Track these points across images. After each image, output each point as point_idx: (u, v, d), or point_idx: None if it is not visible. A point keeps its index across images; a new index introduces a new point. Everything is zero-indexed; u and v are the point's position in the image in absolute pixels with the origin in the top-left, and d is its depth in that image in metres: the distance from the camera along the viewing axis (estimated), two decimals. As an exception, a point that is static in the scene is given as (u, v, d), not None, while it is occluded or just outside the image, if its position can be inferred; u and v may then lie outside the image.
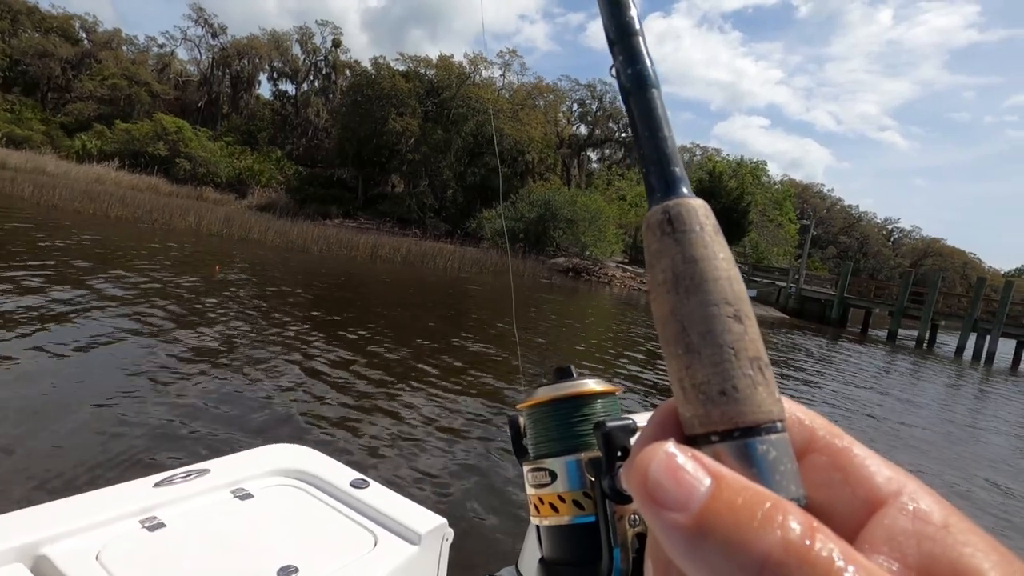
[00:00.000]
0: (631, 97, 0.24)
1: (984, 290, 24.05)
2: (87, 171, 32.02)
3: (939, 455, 7.10)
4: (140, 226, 17.21)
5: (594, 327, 14.00)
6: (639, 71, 0.24)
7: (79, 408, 4.06)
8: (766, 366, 0.21)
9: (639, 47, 0.24)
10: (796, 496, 0.19)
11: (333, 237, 21.07)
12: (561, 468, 0.35)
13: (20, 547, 1.08)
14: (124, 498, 1.27)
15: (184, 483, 1.37)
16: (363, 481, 1.51)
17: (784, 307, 28.52)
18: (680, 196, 0.22)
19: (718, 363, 0.20)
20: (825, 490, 0.20)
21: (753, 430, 0.19)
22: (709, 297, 0.20)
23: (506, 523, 3.48)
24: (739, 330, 0.20)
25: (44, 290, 7.21)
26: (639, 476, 0.18)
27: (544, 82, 45.20)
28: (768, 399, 0.20)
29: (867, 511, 0.19)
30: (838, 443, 0.21)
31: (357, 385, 5.73)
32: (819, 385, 10.59)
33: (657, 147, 0.23)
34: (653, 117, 0.23)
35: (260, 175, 40.71)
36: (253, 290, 10.21)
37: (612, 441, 0.31)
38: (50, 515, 1.17)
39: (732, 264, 0.21)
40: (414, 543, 1.31)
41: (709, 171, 35.45)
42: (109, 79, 44.26)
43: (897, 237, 73.24)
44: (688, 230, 0.21)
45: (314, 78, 49.92)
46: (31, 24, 46.37)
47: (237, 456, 1.58)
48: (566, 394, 0.36)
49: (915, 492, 0.19)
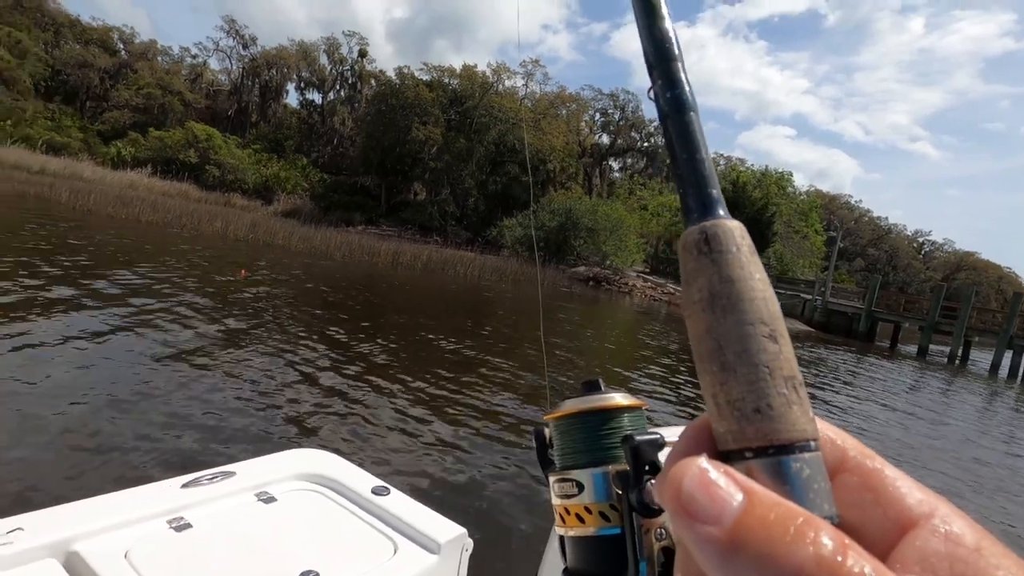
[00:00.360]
0: (669, 120, 0.24)
1: (1021, 306, 23.22)
2: (121, 177, 33.06)
3: (970, 478, 6.84)
4: (169, 231, 17.66)
5: (615, 337, 13.88)
6: (678, 95, 0.24)
7: (105, 407, 4.15)
8: (800, 385, 0.21)
9: (678, 72, 0.25)
10: (829, 514, 0.19)
11: (355, 243, 21.35)
12: (588, 480, 0.35)
13: (53, 543, 1.11)
14: (152, 498, 1.30)
15: (210, 485, 1.40)
16: (384, 488, 1.52)
17: (809, 320, 27.92)
18: (717, 217, 0.23)
19: (753, 381, 0.20)
20: (856, 510, 0.21)
21: (787, 448, 0.20)
22: (745, 316, 0.21)
23: (526, 535, 3.44)
24: (774, 349, 0.21)
25: (76, 292, 7.42)
26: (673, 489, 0.18)
27: (567, 91, 45.36)
28: (802, 418, 0.20)
29: (898, 532, 0.19)
30: (869, 464, 0.22)
31: (377, 392, 5.76)
32: (845, 401, 10.32)
33: (695, 169, 0.24)
34: (691, 140, 0.24)
35: (286, 182, 41.54)
36: (278, 295, 10.37)
37: (640, 455, 0.31)
38: (82, 513, 1.21)
39: (767, 285, 0.22)
40: (434, 552, 1.31)
41: (733, 181, 35.02)
42: (144, 88, 45.73)
43: (928, 250, 71.26)
44: (725, 250, 0.22)
45: (340, 87, 50.88)
46: (72, 36, 48.25)
47: (262, 460, 1.61)
48: (594, 407, 0.36)
49: (947, 515, 0.19)
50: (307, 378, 5.75)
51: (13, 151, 31.86)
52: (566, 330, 12.80)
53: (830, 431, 0.23)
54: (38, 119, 40.86)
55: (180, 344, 6.07)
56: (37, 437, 3.55)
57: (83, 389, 4.40)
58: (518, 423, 5.46)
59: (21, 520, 1.14)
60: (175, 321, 6.94)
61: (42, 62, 44.25)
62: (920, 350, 24.04)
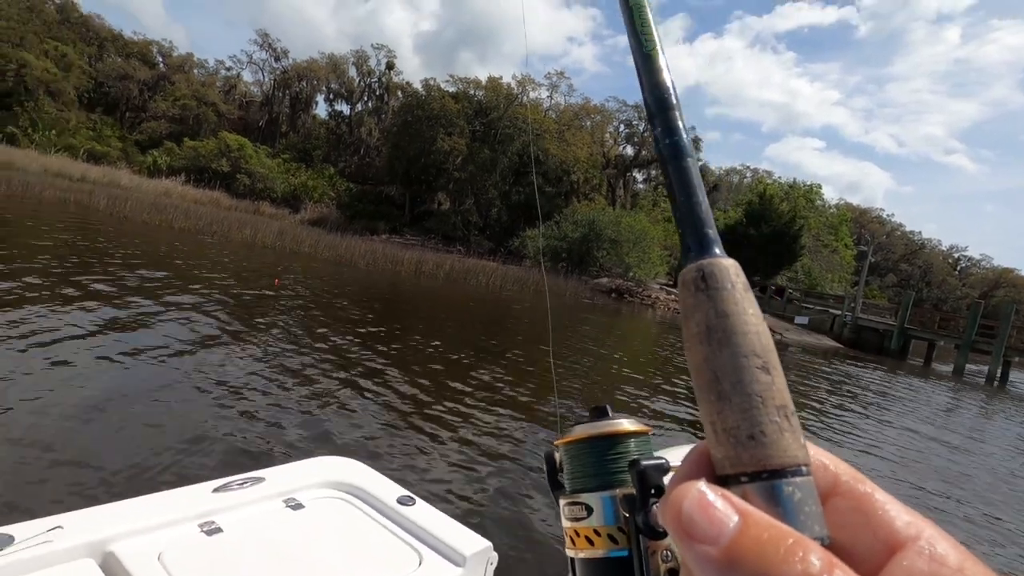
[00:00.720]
0: (668, 165, 0.26)
1: (1064, 325, 22.27)
2: (156, 185, 34.15)
3: (1007, 505, 6.53)
4: (200, 237, 18.13)
5: (635, 351, 13.72)
6: (676, 142, 0.26)
7: (139, 410, 4.26)
8: (792, 414, 0.22)
9: (676, 121, 0.27)
10: (819, 535, 0.20)
11: (379, 252, 21.60)
12: (597, 503, 0.36)
13: (91, 543, 1.14)
14: (185, 501, 1.33)
15: (240, 490, 1.42)
16: (410, 498, 1.53)
17: (839, 336, 27.21)
18: (713, 256, 0.25)
19: (747, 409, 0.22)
20: (847, 532, 0.22)
21: (780, 472, 0.21)
22: (739, 349, 0.23)
23: (552, 551, 3.43)
24: (767, 380, 0.22)
25: (106, 295, 7.65)
26: (674, 512, 0.20)
27: (591, 103, 45.45)
28: (794, 444, 0.22)
29: (887, 553, 0.21)
30: (860, 488, 0.23)
31: (403, 401, 5.80)
32: (870, 421, 9.98)
33: (692, 211, 0.25)
34: (688, 184, 0.26)
35: (313, 191, 42.39)
36: (303, 304, 10.54)
37: (646, 479, 0.32)
38: (118, 513, 1.24)
39: (761, 320, 0.24)
40: (459, 565, 1.31)
41: (759, 193, 34.52)
42: (180, 100, 47.36)
43: (964, 266, 68.96)
44: (720, 287, 0.24)
45: (368, 99, 51.89)
46: (115, 49, 50.30)
47: (290, 466, 1.63)
48: (603, 432, 0.37)
49: (932, 537, 0.20)
50: (328, 385, 5.81)
51: (57, 159, 33.25)
52: (585, 343, 12.71)
53: (824, 457, 0.24)
54: (81, 129, 42.62)
55: (205, 351, 6.20)
56: (65, 439, 3.65)
57: (115, 394, 4.51)
58: (545, 439, 5.43)
59: (61, 519, 1.18)
60: (197, 328, 7.09)
61: (86, 75, 46.21)
62: (956, 369, 23.19)
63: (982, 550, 4.88)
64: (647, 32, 0.28)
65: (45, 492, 3.02)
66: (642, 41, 0.28)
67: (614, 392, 8.15)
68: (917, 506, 4.97)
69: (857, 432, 8.62)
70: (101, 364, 5.06)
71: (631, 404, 7.55)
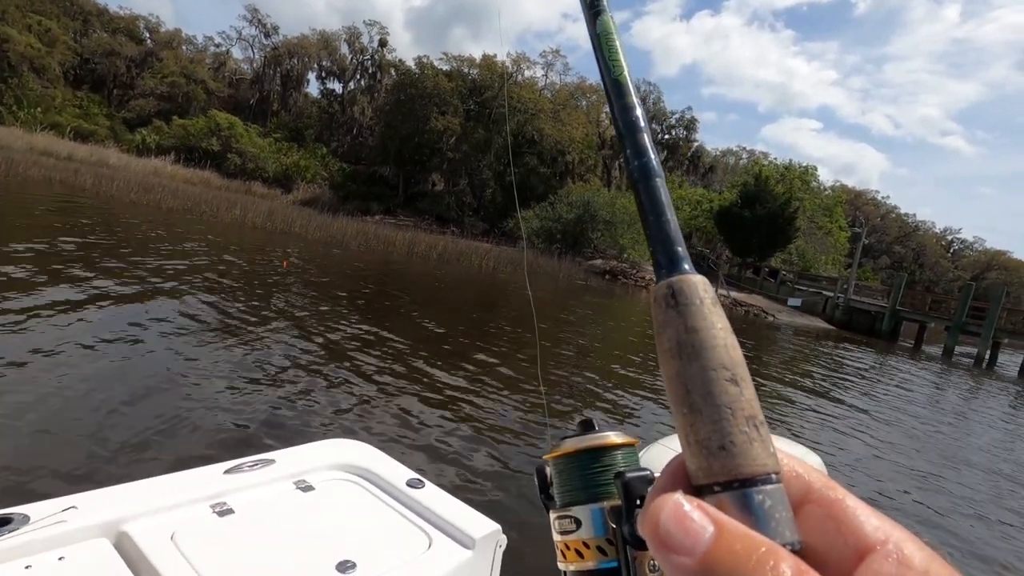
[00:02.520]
0: (639, 185, 0.27)
1: (1054, 307, 22.42)
2: (145, 164, 33.64)
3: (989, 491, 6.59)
4: (188, 217, 17.91)
5: (627, 332, 13.73)
6: (645, 163, 0.27)
7: (145, 394, 4.29)
8: (761, 424, 0.23)
9: (644, 142, 0.28)
10: (791, 540, 0.21)
11: (371, 233, 21.43)
12: (586, 516, 0.36)
13: (105, 523, 1.16)
14: (197, 483, 1.35)
15: (251, 472, 1.44)
16: (419, 481, 1.54)
17: (831, 318, 27.34)
18: (683, 272, 0.25)
19: (717, 421, 0.23)
20: (820, 538, 0.23)
21: (750, 481, 0.22)
22: (708, 363, 0.23)
23: None
24: (735, 392, 0.23)
25: (88, 278, 7.53)
26: (651, 524, 0.21)
27: (587, 82, 44.79)
28: (763, 454, 0.23)
29: (857, 557, 0.22)
30: (832, 495, 0.24)
31: (408, 383, 5.81)
32: (861, 401, 10.05)
33: (662, 229, 0.26)
34: (658, 203, 0.27)
35: (305, 171, 41.87)
36: (299, 284, 10.43)
37: (631, 490, 0.33)
38: (131, 494, 1.26)
39: (729, 333, 0.25)
40: (468, 547, 1.32)
41: (755, 175, 34.33)
42: (169, 77, 46.39)
43: (957, 248, 69.21)
44: (689, 303, 0.25)
45: (360, 77, 51.01)
46: (100, 24, 49.08)
47: (300, 448, 1.65)
48: (590, 446, 0.38)
49: (900, 540, 0.22)
50: (338, 368, 5.83)
51: (42, 137, 32.63)
52: (580, 324, 12.68)
53: (798, 466, 0.25)
54: (67, 106, 41.77)
55: (213, 333, 6.19)
56: (78, 420, 3.68)
57: (120, 377, 4.52)
58: (551, 423, 5.48)
59: (75, 499, 1.19)
60: (193, 309, 7.01)
61: (71, 50, 45.13)
62: (945, 351, 23.40)
63: (957, 523, 4.93)
64: (615, 58, 0.29)
65: (57, 474, 3.06)
66: (611, 67, 0.29)
67: (605, 377, 8.14)
68: (899, 485, 5.01)
69: (842, 414, 8.67)
70: (82, 350, 4.98)
71: (624, 387, 7.55)
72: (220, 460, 1.45)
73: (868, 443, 7.24)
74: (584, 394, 6.85)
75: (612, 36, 0.30)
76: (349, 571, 1.16)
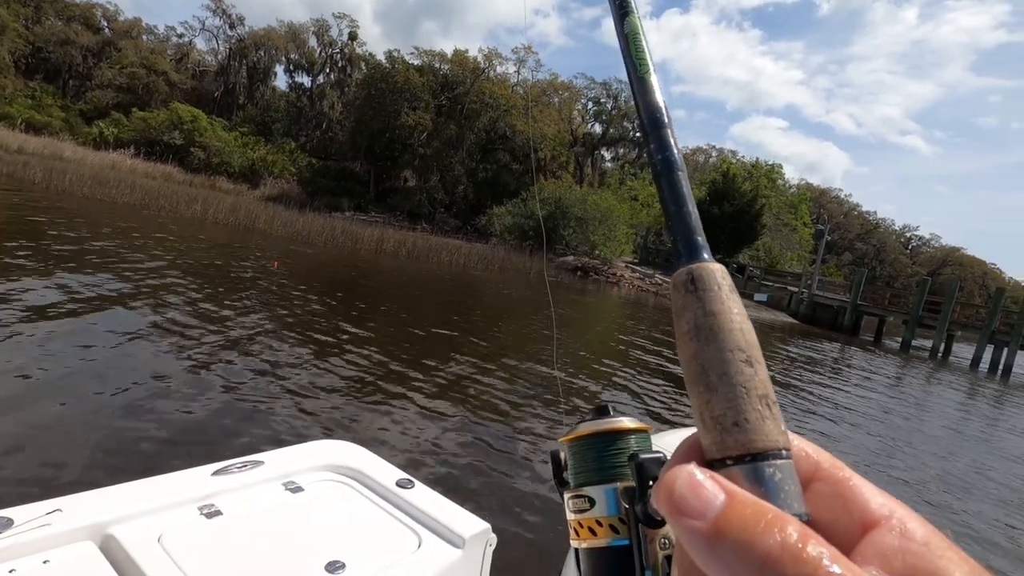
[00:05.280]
0: (662, 178, 0.28)
1: (1003, 301, 23.38)
2: (103, 158, 32.38)
3: (934, 472, 6.81)
4: (145, 213, 17.28)
5: (602, 328, 13.77)
6: (667, 157, 0.28)
7: (127, 399, 4.14)
8: (773, 403, 0.25)
9: (668, 137, 0.29)
10: (798, 512, 0.23)
11: (339, 229, 21.03)
12: (600, 495, 0.38)
13: (90, 526, 1.14)
14: (184, 485, 1.33)
15: (240, 473, 1.43)
16: (409, 481, 1.54)
17: (795, 312, 28.01)
18: (702, 260, 0.27)
19: (732, 399, 0.24)
20: (827, 513, 0.24)
21: (762, 455, 0.23)
22: (725, 344, 0.25)
23: (550, 531, 3.42)
24: (750, 372, 0.25)
25: (48, 277, 7.16)
26: (667, 491, 0.23)
27: (559, 79, 44.87)
28: (775, 430, 0.24)
29: (862, 531, 0.23)
30: (839, 473, 0.25)
31: (395, 383, 5.76)
32: (824, 393, 10.28)
33: (683, 219, 0.28)
34: (679, 195, 0.28)
35: (273, 166, 40.91)
36: (263, 281, 10.13)
37: (644, 471, 0.34)
38: (117, 497, 1.24)
39: (745, 318, 0.26)
40: (458, 547, 1.33)
41: (723, 173, 34.94)
42: (128, 68, 44.76)
43: (915, 245, 71.82)
44: (708, 289, 0.26)
45: (330, 70, 50.07)
46: (54, 12, 47.03)
47: (289, 450, 1.64)
48: (605, 429, 0.39)
49: (903, 516, 0.23)
50: (322, 368, 5.73)
51: (-10, 129, 31.11)
52: (562, 322, 12.66)
53: (807, 447, 0.26)
54: (18, 97, 39.94)
55: (194, 333, 6.02)
56: (66, 423, 3.59)
57: (102, 379, 4.38)
58: (542, 423, 5.43)
59: (60, 503, 1.17)
60: (180, 310, 6.73)
61: (22, 38, 43.15)
62: (903, 344, 24.20)
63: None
64: (642, 58, 0.30)
65: (38, 479, 2.97)
66: (637, 65, 0.30)
67: (592, 371, 8.12)
68: (860, 460, 5.11)
69: (807, 403, 8.85)
70: (53, 355, 4.72)
71: (613, 379, 7.54)
72: (208, 462, 1.43)
73: (832, 428, 7.39)
74: (578, 387, 6.82)
75: (639, 36, 0.31)
76: (338, 572, 1.15)
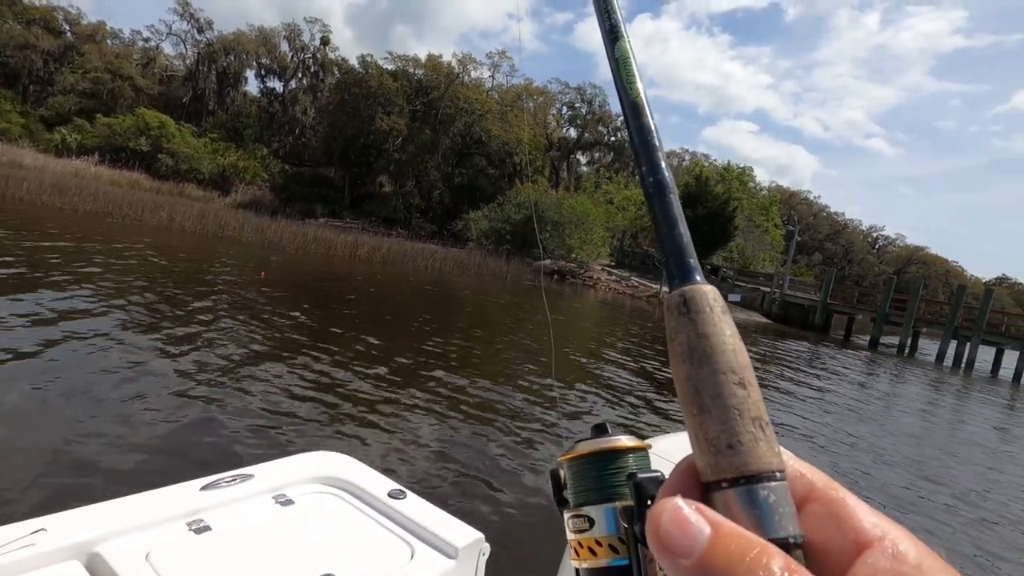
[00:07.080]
0: (654, 199, 0.29)
1: (965, 298, 24.16)
2: (65, 165, 31.37)
3: (908, 457, 6.95)
4: (109, 221, 16.77)
5: (581, 331, 13.79)
6: (659, 179, 0.29)
7: (111, 410, 4.05)
8: (767, 424, 0.25)
9: (659, 160, 0.29)
10: (793, 534, 0.23)
11: (311, 235, 20.69)
12: (599, 515, 0.38)
13: (76, 545, 1.11)
14: (172, 500, 1.31)
15: (229, 487, 1.40)
16: (400, 492, 1.53)
17: (768, 312, 28.52)
18: (694, 282, 0.27)
19: (725, 421, 0.24)
20: (822, 533, 0.24)
21: (756, 478, 0.23)
22: (718, 367, 0.25)
23: (544, 540, 3.40)
24: (743, 394, 0.25)
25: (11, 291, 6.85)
26: (653, 527, 0.23)
27: (534, 84, 45.07)
28: (768, 452, 0.24)
29: (856, 552, 0.23)
30: (833, 494, 0.25)
31: (380, 391, 5.68)
32: (797, 391, 10.44)
33: (675, 241, 0.28)
34: (671, 217, 0.28)
35: (244, 172, 40.15)
36: (232, 291, 9.87)
37: (642, 491, 0.34)
38: (103, 514, 1.21)
39: (738, 339, 0.26)
40: (451, 557, 1.32)
41: (696, 176, 35.43)
42: (92, 72, 43.50)
43: (882, 244, 73.93)
44: (700, 311, 0.26)
45: (302, 76, 49.45)
46: (12, 15, 45.48)
47: (279, 462, 1.61)
48: (604, 448, 0.39)
49: (896, 536, 0.23)
50: (307, 380, 5.62)
51: (-56, 136, 29.90)
52: (532, 327, 12.62)
53: (802, 467, 0.26)
54: (-26, 103, 38.50)
55: (178, 349, 5.83)
56: (50, 439, 3.48)
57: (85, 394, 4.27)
58: (536, 432, 5.39)
59: (44, 521, 1.14)
60: (113, 320, 6.47)
61: (-22, 42, 41.66)
62: (872, 341, 24.81)
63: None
64: (632, 81, 0.30)
65: (20, 499, 2.88)
66: (628, 90, 0.30)
67: (579, 377, 8.09)
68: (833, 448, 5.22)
69: (782, 399, 8.96)
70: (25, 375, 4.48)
71: (598, 386, 7.51)
72: (196, 476, 1.41)
73: (804, 423, 7.49)
74: (567, 392, 6.78)
75: (630, 60, 0.31)
76: None
